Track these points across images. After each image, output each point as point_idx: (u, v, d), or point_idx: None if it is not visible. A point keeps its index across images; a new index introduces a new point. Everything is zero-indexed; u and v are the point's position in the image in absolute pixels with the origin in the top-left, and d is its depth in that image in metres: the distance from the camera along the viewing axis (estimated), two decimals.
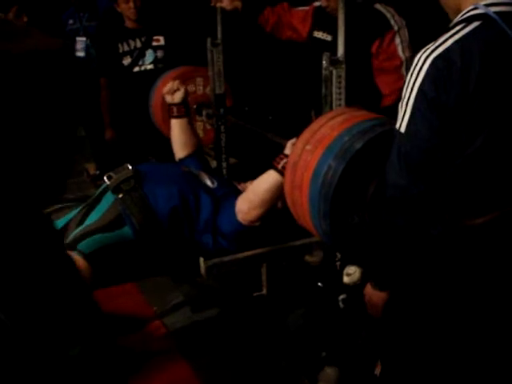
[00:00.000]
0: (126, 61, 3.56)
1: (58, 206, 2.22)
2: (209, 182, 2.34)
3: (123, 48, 3.56)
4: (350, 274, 1.99)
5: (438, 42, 1.30)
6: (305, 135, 1.71)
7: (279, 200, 2.09)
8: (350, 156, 1.54)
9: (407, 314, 1.57)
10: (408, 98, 1.31)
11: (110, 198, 2.17)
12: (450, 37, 1.29)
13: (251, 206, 2.10)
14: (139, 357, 2.35)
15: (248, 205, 2.11)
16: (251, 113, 4.54)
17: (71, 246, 1.99)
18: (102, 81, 3.67)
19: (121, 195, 2.15)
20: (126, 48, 3.56)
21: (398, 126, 1.35)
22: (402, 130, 1.33)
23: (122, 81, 3.57)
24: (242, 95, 3.92)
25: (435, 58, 1.27)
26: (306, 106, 3.20)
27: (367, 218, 1.58)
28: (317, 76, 2.00)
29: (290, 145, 1.99)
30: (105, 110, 3.73)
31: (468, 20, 1.30)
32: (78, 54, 4.12)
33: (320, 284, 2.30)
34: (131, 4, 3.42)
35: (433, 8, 1.52)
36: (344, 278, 2.01)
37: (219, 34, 2.99)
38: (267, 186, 2.06)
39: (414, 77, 1.30)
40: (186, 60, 3.40)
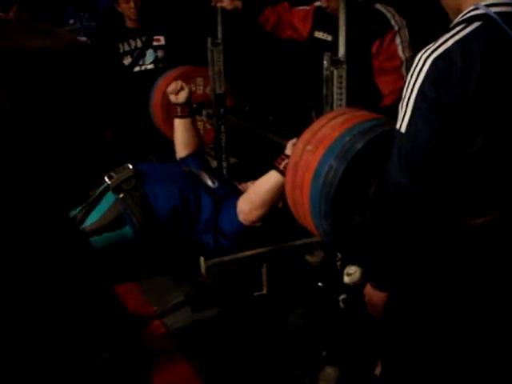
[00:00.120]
0: (126, 60, 3.56)
1: None
2: (209, 182, 2.34)
3: (124, 48, 3.56)
4: (350, 274, 1.99)
5: (438, 43, 1.30)
6: (305, 135, 1.71)
7: (280, 200, 2.09)
8: (351, 156, 1.54)
9: (407, 314, 1.57)
10: (408, 99, 1.31)
11: (110, 197, 2.17)
12: (451, 37, 1.29)
13: (253, 207, 2.10)
14: None
15: (249, 205, 2.11)
16: (252, 113, 4.53)
17: None
18: None
19: (121, 195, 2.15)
20: (126, 48, 3.56)
21: (398, 127, 1.35)
22: (403, 131, 1.33)
23: (122, 80, 3.57)
24: (242, 95, 3.91)
25: (435, 59, 1.27)
26: (307, 106, 3.20)
27: (368, 218, 1.58)
28: (317, 76, 2.00)
29: (290, 145, 1.99)
30: None
31: (468, 20, 1.30)
32: None
33: (320, 284, 2.30)
34: (132, 4, 3.42)
35: (433, 8, 1.52)
36: (344, 277, 2.01)
37: (219, 34, 2.99)
38: (269, 186, 2.06)
39: (414, 77, 1.30)
40: (187, 60, 3.39)
